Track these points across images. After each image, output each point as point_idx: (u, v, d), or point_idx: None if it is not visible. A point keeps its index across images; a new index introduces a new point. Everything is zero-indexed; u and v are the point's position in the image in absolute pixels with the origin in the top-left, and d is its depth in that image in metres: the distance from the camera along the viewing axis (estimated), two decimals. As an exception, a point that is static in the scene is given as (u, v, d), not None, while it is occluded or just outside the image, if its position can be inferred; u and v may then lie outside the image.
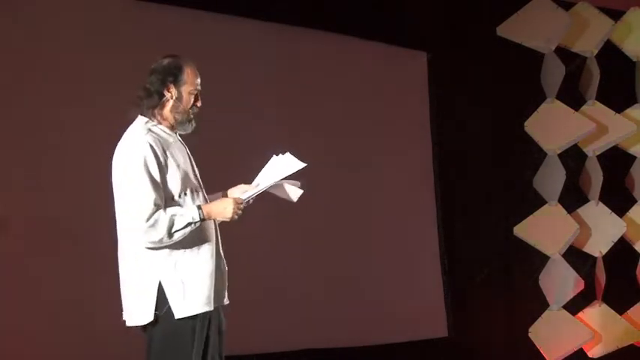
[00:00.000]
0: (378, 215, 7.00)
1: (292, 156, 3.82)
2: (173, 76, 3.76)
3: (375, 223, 6.99)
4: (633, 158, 7.98)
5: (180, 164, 3.74)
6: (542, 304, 7.57)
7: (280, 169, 3.81)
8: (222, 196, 3.91)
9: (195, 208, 3.66)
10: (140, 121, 3.79)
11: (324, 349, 6.51)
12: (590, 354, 7.69)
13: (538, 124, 7.68)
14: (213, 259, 3.77)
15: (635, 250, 7.85)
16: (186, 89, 3.78)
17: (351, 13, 6.95)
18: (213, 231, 3.82)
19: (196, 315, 3.69)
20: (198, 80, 3.82)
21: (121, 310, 3.87)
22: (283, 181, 3.83)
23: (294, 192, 3.91)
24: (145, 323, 3.71)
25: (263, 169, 3.86)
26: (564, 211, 7.57)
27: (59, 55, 5.69)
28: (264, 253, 6.23)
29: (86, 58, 5.77)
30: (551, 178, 7.61)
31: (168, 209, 3.62)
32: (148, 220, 3.58)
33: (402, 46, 7.38)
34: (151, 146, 3.65)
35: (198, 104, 3.83)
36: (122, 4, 5.94)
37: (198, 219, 3.65)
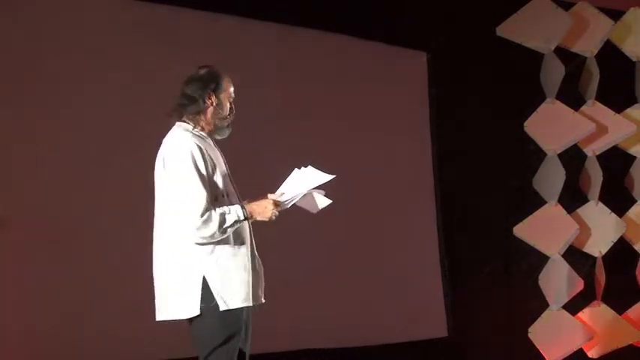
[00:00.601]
0: (377, 216, 7.00)
1: (316, 169, 4.02)
2: (214, 84, 4.01)
3: (375, 224, 6.99)
4: (633, 158, 7.98)
5: (220, 167, 3.94)
6: (542, 304, 7.57)
7: (308, 181, 4.00)
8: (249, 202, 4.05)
9: (240, 207, 3.88)
10: (181, 126, 3.99)
11: (324, 349, 6.51)
12: (589, 354, 7.69)
13: (538, 124, 7.67)
14: (250, 257, 3.97)
15: (634, 250, 7.85)
16: (225, 96, 4.04)
17: (350, 12, 6.95)
18: (249, 230, 4.01)
19: (239, 309, 3.87)
20: (233, 87, 4.08)
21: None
22: (313, 190, 4.03)
23: (321, 201, 4.10)
24: (190, 317, 3.87)
25: (287, 182, 4.03)
26: (564, 211, 7.57)
27: (59, 54, 5.69)
28: (262, 254, 6.22)
29: (85, 57, 5.77)
30: (550, 178, 7.61)
31: (217, 207, 3.83)
32: (202, 216, 3.78)
33: (402, 46, 7.39)
34: (199, 147, 3.86)
35: (234, 111, 4.08)
36: (122, 3, 5.94)
37: (243, 217, 3.87)
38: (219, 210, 3.82)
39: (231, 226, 3.84)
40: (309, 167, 4.03)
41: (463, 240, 7.60)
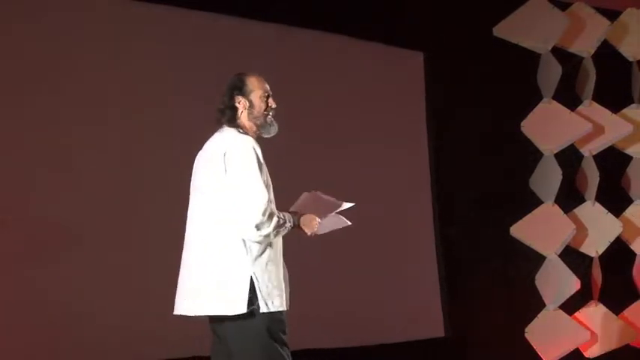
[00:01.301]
0: (374, 215, 6.99)
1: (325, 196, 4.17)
2: (237, 87, 4.05)
3: (372, 224, 6.97)
4: (629, 158, 7.99)
5: (265, 169, 3.96)
6: (539, 304, 7.57)
7: (324, 207, 4.13)
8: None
9: (291, 215, 4.00)
10: (230, 129, 4.02)
11: (323, 349, 6.50)
12: (586, 354, 7.70)
13: (535, 124, 7.67)
14: (282, 261, 4.06)
15: (631, 250, 7.86)
16: (255, 95, 4.05)
17: (347, 13, 6.95)
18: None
19: (279, 312, 3.93)
20: (265, 85, 4.09)
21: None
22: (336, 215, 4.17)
23: (339, 222, 4.24)
24: (232, 314, 3.86)
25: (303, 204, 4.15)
26: (561, 211, 7.57)
27: (56, 55, 5.69)
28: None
29: (83, 58, 5.77)
30: (547, 178, 7.61)
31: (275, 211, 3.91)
32: (264, 214, 3.82)
33: (399, 46, 7.39)
34: (255, 148, 3.91)
35: (273, 105, 4.09)
36: (120, 3, 5.94)
37: (292, 224, 3.98)
38: (277, 213, 3.90)
39: (283, 229, 3.92)
40: (318, 193, 4.14)
41: (460, 240, 7.60)
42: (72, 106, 5.71)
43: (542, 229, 7.56)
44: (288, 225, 3.94)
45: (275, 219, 3.86)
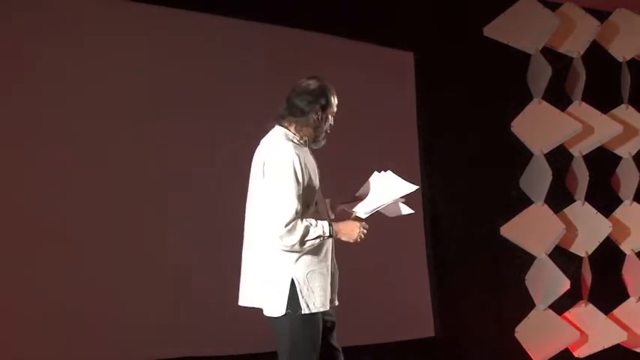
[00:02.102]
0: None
1: (397, 177, 4.21)
2: (324, 100, 4.15)
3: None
4: (619, 159, 8.00)
5: (314, 176, 4.11)
6: (529, 304, 7.58)
7: (391, 190, 4.17)
8: (331, 205, 4.33)
9: (328, 224, 4.04)
10: (281, 131, 4.14)
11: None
12: (576, 354, 7.71)
13: (525, 124, 7.69)
14: (331, 262, 4.16)
15: (620, 250, 7.87)
16: (330, 112, 4.19)
17: (338, 13, 6.95)
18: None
19: (318, 313, 4.06)
20: (336, 105, 4.22)
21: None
22: (398, 200, 4.18)
23: (403, 209, 4.27)
24: (278, 316, 4.03)
25: (369, 189, 4.23)
26: (551, 212, 7.59)
27: (48, 54, 5.67)
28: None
29: (74, 57, 5.76)
30: (537, 179, 7.63)
31: (305, 219, 3.98)
32: (287, 225, 3.93)
33: (389, 46, 7.38)
34: (298, 156, 4.02)
35: (332, 123, 4.23)
36: (112, 3, 5.93)
37: (329, 234, 4.03)
38: (306, 222, 3.97)
39: (314, 239, 3.98)
40: (389, 172, 4.20)
41: (450, 240, 7.61)
42: (65, 105, 5.70)
43: (532, 229, 7.58)
44: (321, 236, 3.99)
45: (301, 229, 3.94)
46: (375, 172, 4.24)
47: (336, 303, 4.25)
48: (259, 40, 6.57)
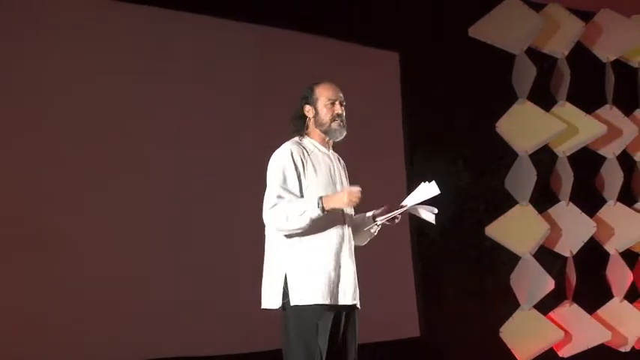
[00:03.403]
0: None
1: (433, 184, 4.28)
2: (305, 97, 4.26)
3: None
4: (603, 159, 8.03)
5: (319, 173, 4.14)
6: (514, 304, 7.60)
7: (421, 195, 4.25)
8: (367, 219, 4.39)
9: (316, 199, 3.99)
10: (295, 136, 4.26)
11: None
12: (560, 353, 7.73)
13: (509, 124, 7.71)
14: (333, 257, 4.09)
15: (605, 250, 7.90)
16: (321, 103, 4.24)
17: (322, 13, 6.94)
18: (338, 231, 4.14)
19: (314, 306, 4.01)
20: (331, 92, 4.27)
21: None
22: (419, 205, 4.25)
23: (428, 216, 4.32)
24: (274, 308, 4.06)
25: (411, 194, 4.28)
26: (535, 212, 7.61)
27: (38, 54, 5.66)
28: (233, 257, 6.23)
29: (62, 57, 5.74)
30: (522, 179, 7.64)
31: (291, 200, 4.01)
32: (271, 207, 3.99)
33: (374, 46, 7.38)
34: (291, 152, 4.09)
35: (339, 111, 4.26)
36: (103, 4, 5.92)
37: (316, 206, 3.95)
38: (290, 201, 4.00)
39: (301, 215, 3.95)
40: (433, 182, 4.26)
41: (436, 240, 7.61)
42: (48, 105, 5.68)
43: (516, 229, 7.59)
44: (306, 210, 3.95)
45: (283, 208, 3.96)
46: (422, 183, 4.32)
47: (349, 302, 4.16)
48: (247, 41, 6.57)
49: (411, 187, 7.40)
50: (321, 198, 3.98)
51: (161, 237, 6.04)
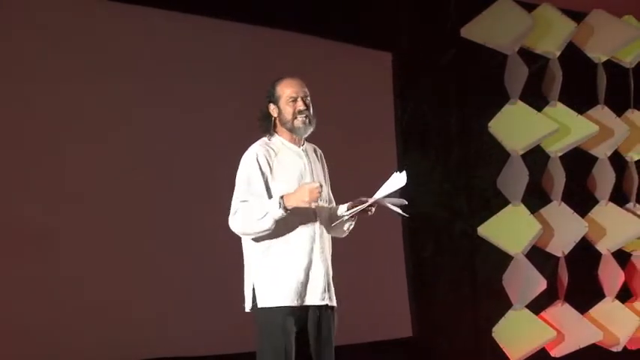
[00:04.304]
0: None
1: (404, 174, 4.20)
2: (269, 96, 4.21)
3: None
4: (595, 159, 8.05)
5: (288, 172, 4.09)
6: (506, 304, 7.61)
7: (390, 186, 4.16)
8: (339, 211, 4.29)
9: (277, 198, 3.93)
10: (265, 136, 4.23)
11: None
12: (552, 353, 7.75)
13: (502, 124, 7.72)
14: (302, 257, 4.06)
15: (596, 250, 7.92)
16: (283, 101, 4.17)
17: (315, 12, 6.94)
18: (308, 229, 4.09)
19: (281, 308, 3.99)
20: (292, 89, 4.19)
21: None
22: (388, 198, 4.17)
23: (396, 207, 4.25)
24: (247, 310, 4.10)
25: (382, 186, 4.19)
26: (527, 212, 7.62)
27: (28, 55, 5.65)
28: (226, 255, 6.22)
29: (52, 58, 5.73)
30: (514, 179, 7.65)
31: (252, 201, 3.98)
32: (234, 213, 4.01)
33: (367, 46, 7.38)
34: (257, 155, 4.07)
35: (300, 107, 4.18)
36: (92, 3, 5.92)
37: (278, 207, 3.90)
38: (251, 203, 3.98)
39: (262, 217, 3.91)
40: (404, 173, 4.18)
41: (427, 240, 7.62)
42: (38, 106, 5.66)
43: (509, 229, 7.60)
44: (268, 212, 3.91)
45: (244, 211, 3.95)
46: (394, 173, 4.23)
47: (319, 302, 4.11)
48: (239, 41, 6.56)
49: (402, 187, 7.49)
50: (282, 197, 3.93)
51: (155, 237, 6.03)
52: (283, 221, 3.96)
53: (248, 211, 3.95)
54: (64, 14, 5.80)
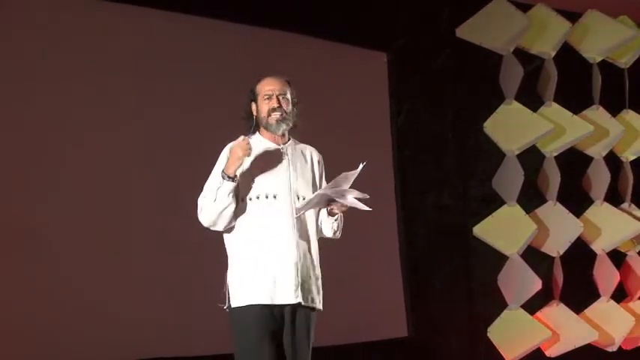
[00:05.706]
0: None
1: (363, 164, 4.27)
2: (250, 96, 4.27)
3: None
4: (590, 159, 8.06)
5: (259, 168, 4.11)
6: (501, 304, 7.61)
7: (351, 177, 4.27)
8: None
9: (220, 174, 4.03)
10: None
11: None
12: (547, 353, 7.75)
13: (497, 124, 7.73)
14: (275, 257, 4.05)
15: (591, 250, 7.93)
16: (260, 99, 4.23)
17: (310, 12, 6.94)
18: (283, 229, 4.09)
19: (251, 307, 4.01)
20: (268, 87, 4.23)
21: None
22: (349, 191, 4.31)
23: (357, 203, 4.34)
24: (225, 308, 4.12)
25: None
26: (523, 212, 7.63)
27: (22, 55, 5.64)
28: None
29: (52, 58, 5.72)
30: (509, 179, 7.66)
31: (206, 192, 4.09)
32: (199, 209, 4.12)
33: (362, 47, 7.38)
34: (225, 152, 4.12)
35: (274, 105, 4.20)
36: (89, 3, 5.91)
37: (222, 179, 3.99)
38: (204, 193, 4.10)
39: (217, 191, 4.01)
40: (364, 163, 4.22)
41: (423, 240, 7.62)
42: (31, 106, 5.66)
43: (504, 229, 7.61)
44: (218, 187, 4.00)
45: (201, 198, 4.08)
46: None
47: (293, 301, 4.07)
48: (236, 41, 6.56)
49: (398, 187, 7.50)
50: (222, 170, 4.01)
51: (154, 237, 6.02)
52: (257, 221, 4.05)
53: (205, 200, 4.05)
54: (64, 14, 5.80)
